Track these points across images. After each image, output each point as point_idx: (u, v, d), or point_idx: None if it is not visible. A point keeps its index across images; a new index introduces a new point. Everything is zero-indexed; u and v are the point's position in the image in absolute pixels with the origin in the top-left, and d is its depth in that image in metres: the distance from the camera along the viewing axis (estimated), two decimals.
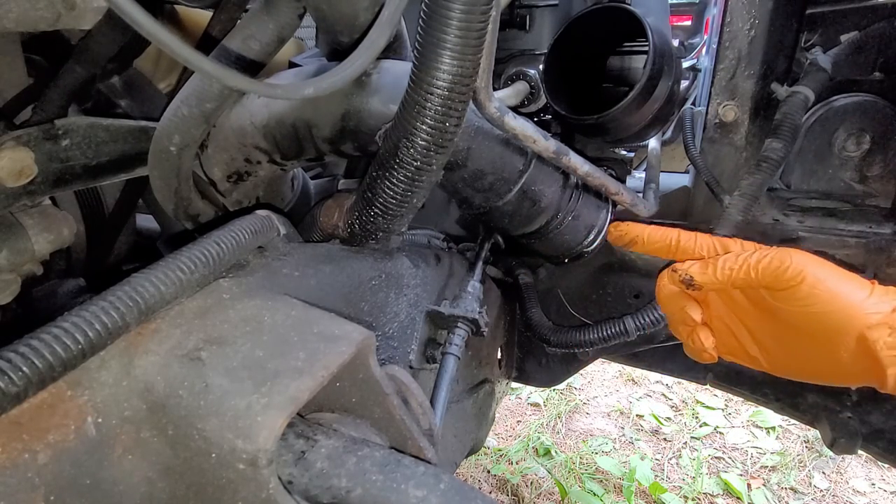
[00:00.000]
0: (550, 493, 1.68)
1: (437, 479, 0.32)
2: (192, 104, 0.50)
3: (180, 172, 0.55)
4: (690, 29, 3.36)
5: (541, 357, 1.01)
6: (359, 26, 0.49)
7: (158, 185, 0.56)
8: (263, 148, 0.57)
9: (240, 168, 0.59)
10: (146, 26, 0.28)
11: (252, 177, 0.61)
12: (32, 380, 0.29)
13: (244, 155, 0.58)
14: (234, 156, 0.58)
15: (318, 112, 0.54)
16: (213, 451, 0.30)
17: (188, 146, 0.53)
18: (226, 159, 0.58)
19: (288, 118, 0.54)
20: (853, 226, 0.75)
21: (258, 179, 0.61)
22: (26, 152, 0.51)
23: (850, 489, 1.72)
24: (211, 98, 0.50)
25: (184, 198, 0.58)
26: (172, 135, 0.52)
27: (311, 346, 0.34)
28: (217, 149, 0.58)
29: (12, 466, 0.28)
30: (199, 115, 0.51)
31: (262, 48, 0.49)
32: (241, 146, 0.57)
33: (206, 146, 0.58)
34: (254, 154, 0.58)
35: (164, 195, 0.57)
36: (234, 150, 0.58)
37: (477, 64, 0.43)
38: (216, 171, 0.59)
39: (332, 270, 0.48)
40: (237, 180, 0.60)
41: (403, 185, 0.49)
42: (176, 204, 0.58)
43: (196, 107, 0.50)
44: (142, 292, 0.33)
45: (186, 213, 0.59)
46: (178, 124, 0.51)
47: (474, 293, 0.69)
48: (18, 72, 0.57)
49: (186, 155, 0.54)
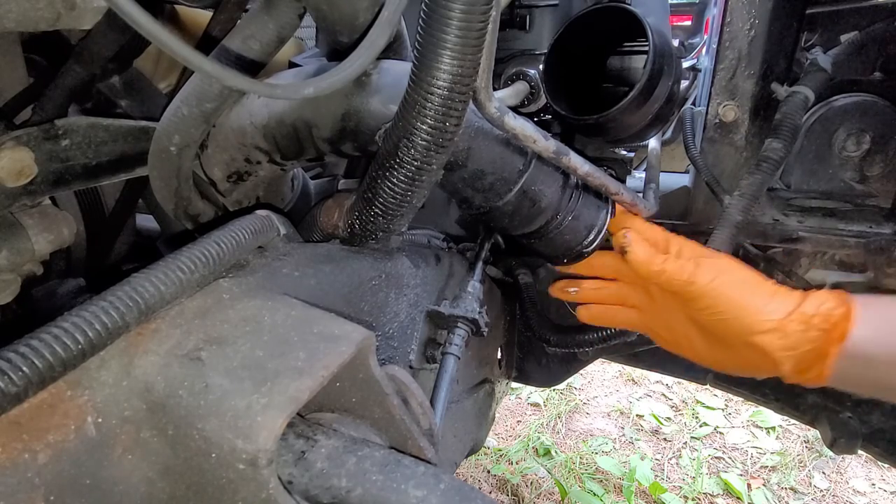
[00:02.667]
0: (550, 493, 1.68)
1: (437, 479, 0.32)
2: (192, 104, 0.50)
3: (180, 172, 0.55)
4: (690, 29, 3.36)
5: (541, 357, 1.01)
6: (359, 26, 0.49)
7: (158, 185, 0.56)
8: (263, 148, 0.57)
9: (240, 168, 0.59)
10: (146, 26, 0.28)
11: (252, 177, 0.61)
12: (32, 380, 0.29)
13: (244, 155, 0.58)
14: (234, 156, 0.58)
15: (318, 112, 0.54)
16: (213, 451, 0.30)
17: (188, 146, 0.53)
18: (226, 159, 0.58)
19: (288, 118, 0.54)
20: (853, 226, 0.75)
21: (258, 179, 0.61)
22: (26, 152, 0.51)
23: (850, 489, 1.72)
24: (211, 98, 0.50)
25: (184, 198, 0.58)
26: (172, 135, 0.52)
27: (311, 346, 0.34)
28: (217, 149, 0.58)
29: (12, 466, 0.28)
30: (198, 115, 0.51)
31: (262, 48, 0.49)
32: (241, 146, 0.57)
33: (206, 146, 0.58)
34: (254, 154, 0.58)
35: (164, 195, 0.57)
36: (234, 150, 0.58)
37: (477, 64, 0.43)
38: (216, 171, 0.59)
39: (332, 270, 0.48)
40: (237, 180, 0.60)
41: (403, 185, 0.49)
42: (176, 204, 0.58)
43: (196, 107, 0.50)
44: (142, 292, 0.33)
45: (186, 214, 0.59)
46: (177, 124, 0.51)
47: (474, 293, 0.68)
48: (18, 72, 0.57)
49: (186, 155, 0.54)
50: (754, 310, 0.52)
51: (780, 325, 0.51)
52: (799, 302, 0.52)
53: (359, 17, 0.48)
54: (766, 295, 0.53)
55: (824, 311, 0.51)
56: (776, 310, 0.52)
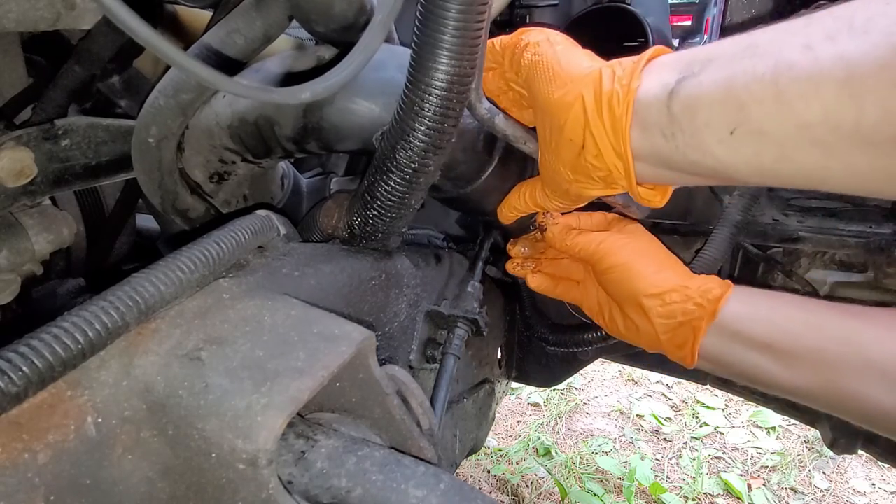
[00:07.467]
0: (550, 494, 1.68)
1: (437, 479, 0.32)
2: (169, 94, 0.50)
3: (162, 165, 0.54)
4: (690, 29, 3.36)
5: (541, 357, 1.01)
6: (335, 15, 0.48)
7: (143, 179, 0.56)
8: (232, 148, 0.57)
9: (217, 168, 0.59)
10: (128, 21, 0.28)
11: (233, 175, 0.60)
12: (32, 380, 0.29)
13: (217, 156, 0.58)
14: (209, 157, 0.58)
15: (279, 110, 0.53)
16: (213, 451, 0.30)
17: (166, 138, 0.52)
18: (202, 161, 0.58)
19: (250, 116, 0.54)
20: (853, 226, 0.75)
21: (240, 178, 0.61)
22: (26, 152, 0.51)
23: (850, 489, 1.72)
24: (187, 89, 0.49)
25: (169, 191, 0.57)
26: (150, 126, 0.51)
27: (311, 346, 0.34)
28: (192, 151, 0.57)
29: (12, 466, 0.28)
30: (175, 106, 0.50)
31: (246, 44, 0.48)
32: (212, 147, 0.57)
33: (184, 149, 0.57)
34: (226, 154, 0.58)
35: (149, 189, 0.57)
36: (206, 151, 0.57)
37: (474, 64, 0.43)
38: (197, 172, 0.59)
39: (332, 270, 0.48)
40: (219, 180, 0.60)
41: (402, 187, 0.49)
42: (162, 198, 0.57)
43: (172, 97, 0.50)
44: (142, 292, 0.33)
45: (175, 208, 0.59)
46: (154, 115, 0.51)
47: (474, 293, 0.69)
48: (18, 72, 0.57)
49: (166, 147, 0.53)
50: (645, 275, 0.58)
51: (663, 294, 0.56)
52: (686, 279, 0.58)
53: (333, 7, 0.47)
54: (659, 265, 0.59)
55: (704, 289, 0.56)
56: (664, 280, 0.57)
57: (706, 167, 0.43)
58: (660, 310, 0.56)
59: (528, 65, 0.50)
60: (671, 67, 0.43)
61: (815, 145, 0.36)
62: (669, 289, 0.56)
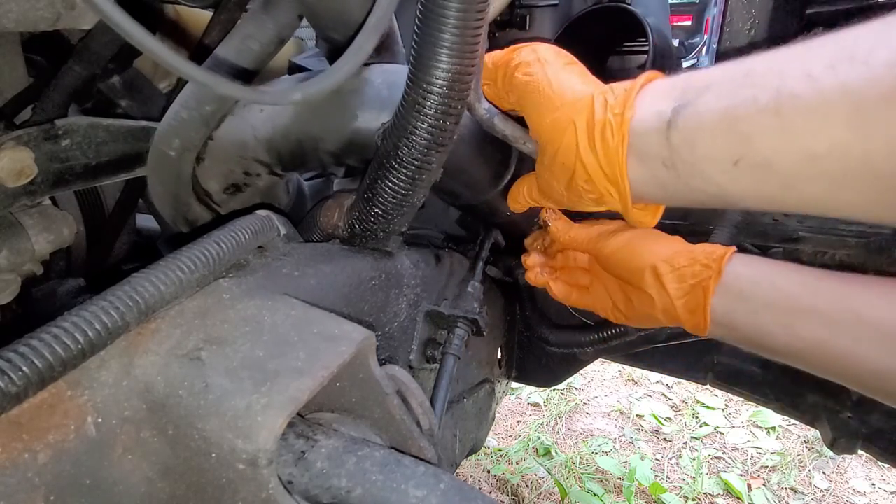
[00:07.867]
0: (550, 493, 1.68)
1: (437, 479, 0.32)
2: (192, 107, 0.50)
3: (180, 177, 0.55)
4: (690, 29, 3.37)
5: (541, 357, 1.01)
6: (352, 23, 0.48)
7: (158, 190, 0.56)
8: (264, 161, 0.57)
9: (238, 180, 0.59)
10: (136, 36, 0.28)
11: (250, 188, 0.60)
12: (32, 380, 0.29)
13: (243, 168, 0.58)
14: (233, 168, 0.58)
15: (326, 128, 0.53)
16: (213, 451, 0.30)
17: (188, 150, 0.53)
18: (224, 171, 0.58)
19: (293, 132, 0.54)
20: (853, 226, 0.75)
21: (255, 189, 0.61)
22: (26, 152, 0.51)
23: (850, 489, 1.72)
24: (210, 101, 0.50)
25: (183, 203, 0.57)
26: (172, 139, 0.52)
27: (311, 346, 0.34)
28: (215, 161, 0.57)
29: (12, 466, 0.28)
30: (198, 119, 0.51)
31: (261, 48, 0.49)
32: (241, 159, 0.57)
33: (204, 158, 0.57)
34: (253, 167, 0.58)
35: (163, 201, 0.57)
36: (233, 162, 0.57)
37: (474, 62, 0.43)
38: (212, 183, 0.59)
39: (332, 270, 0.48)
40: (234, 192, 0.60)
41: (403, 185, 0.49)
42: (175, 209, 0.57)
43: (196, 110, 0.50)
44: (142, 292, 0.33)
45: (185, 219, 0.59)
46: (177, 128, 0.51)
47: (474, 293, 0.69)
48: (18, 72, 0.57)
49: (186, 159, 0.54)
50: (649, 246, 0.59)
51: (670, 257, 0.58)
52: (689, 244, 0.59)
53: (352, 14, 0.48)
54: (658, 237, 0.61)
55: (708, 251, 0.57)
56: (668, 246, 0.59)
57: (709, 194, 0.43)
58: (671, 275, 0.57)
59: (520, 85, 0.51)
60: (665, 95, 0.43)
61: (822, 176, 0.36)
62: (675, 252, 0.58)
